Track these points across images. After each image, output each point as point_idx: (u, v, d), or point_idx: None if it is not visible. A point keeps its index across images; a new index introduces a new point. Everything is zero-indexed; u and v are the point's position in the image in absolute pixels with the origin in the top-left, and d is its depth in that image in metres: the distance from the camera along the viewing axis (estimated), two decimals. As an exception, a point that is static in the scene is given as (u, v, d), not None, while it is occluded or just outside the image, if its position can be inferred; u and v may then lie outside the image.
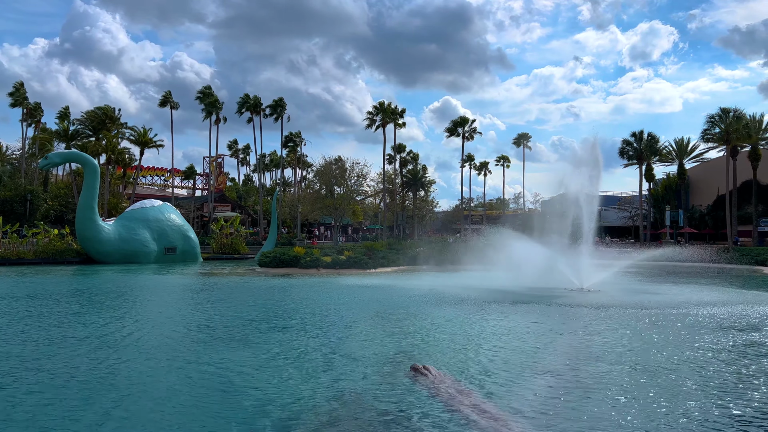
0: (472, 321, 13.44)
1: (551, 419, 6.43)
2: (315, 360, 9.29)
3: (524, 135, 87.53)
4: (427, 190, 74.63)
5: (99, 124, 60.29)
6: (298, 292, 20.38)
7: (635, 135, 60.95)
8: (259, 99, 70.76)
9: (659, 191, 69.61)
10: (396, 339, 11.24)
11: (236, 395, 7.29)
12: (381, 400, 7.08)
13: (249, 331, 11.92)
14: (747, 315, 14.40)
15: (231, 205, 78.89)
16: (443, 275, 27.72)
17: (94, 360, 9.21)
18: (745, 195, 56.13)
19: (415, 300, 17.47)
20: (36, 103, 65.92)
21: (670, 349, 10.09)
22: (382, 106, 68.12)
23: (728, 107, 54.03)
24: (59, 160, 41.05)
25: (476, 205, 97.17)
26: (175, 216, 42.31)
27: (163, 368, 8.66)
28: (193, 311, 15.65)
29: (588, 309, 15.36)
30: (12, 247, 37.02)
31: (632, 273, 27.52)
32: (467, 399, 6.99)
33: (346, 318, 13.93)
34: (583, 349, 10.45)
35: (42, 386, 7.67)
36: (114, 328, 12.34)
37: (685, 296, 18.81)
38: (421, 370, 8.10)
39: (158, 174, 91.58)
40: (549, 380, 8.09)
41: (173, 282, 25.75)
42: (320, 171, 60.10)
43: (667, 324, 12.84)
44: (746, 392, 7.48)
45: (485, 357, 9.57)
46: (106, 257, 36.49)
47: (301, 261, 30.99)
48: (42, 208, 55.16)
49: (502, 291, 19.36)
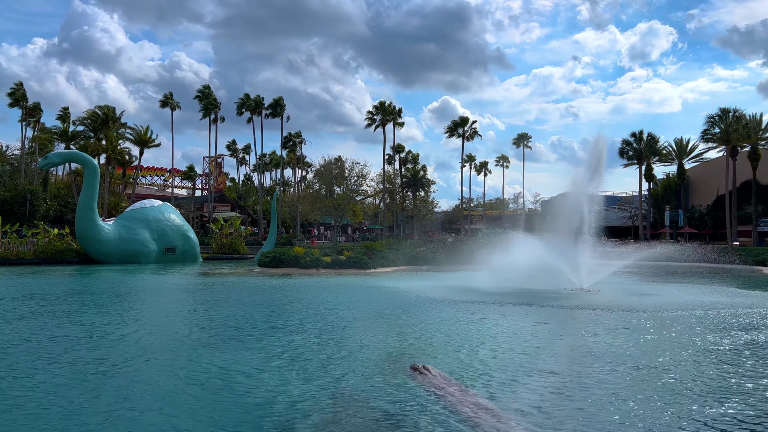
0: (472, 321, 13.44)
1: (552, 419, 6.42)
2: (314, 360, 9.28)
3: (524, 135, 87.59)
4: (426, 190, 74.69)
5: (99, 124, 60.28)
6: (298, 292, 20.38)
7: (635, 135, 60.98)
8: (260, 99, 70.74)
9: (659, 191, 69.65)
10: (395, 339, 11.24)
11: (235, 396, 7.28)
12: (381, 400, 7.07)
13: (248, 332, 11.91)
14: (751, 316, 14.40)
15: (231, 205, 78.93)
16: (442, 275, 27.72)
17: (93, 360, 9.21)
18: (744, 195, 56.14)
19: (414, 300, 17.46)
20: (35, 102, 65.88)
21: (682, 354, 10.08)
22: (383, 106, 68.17)
23: (728, 107, 54.10)
24: (59, 160, 41.06)
25: (476, 205, 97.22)
26: (175, 216, 42.32)
27: (161, 369, 8.65)
28: (192, 311, 15.65)
29: (587, 311, 15.36)
30: (11, 247, 37.00)
31: (632, 273, 27.52)
32: (467, 398, 6.99)
33: (346, 318, 13.93)
34: (584, 350, 10.44)
35: (39, 387, 7.66)
36: (112, 329, 12.34)
37: (688, 297, 18.80)
38: (421, 369, 8.10)
39: (158, 174, 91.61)
40: (549, 380, 8.08)
41: (173, 282, 25.74)
42: (320, 171, 60.14)
43: (677, 327, 12.84)
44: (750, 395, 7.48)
45: (484, 357, 9.57)
46: (105, 257, 36.48)
47: (301, 261, 30.98)
48: (42, 208, 55.15)
49: (501, 292, 19.32)
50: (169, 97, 68.49)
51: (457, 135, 75.41)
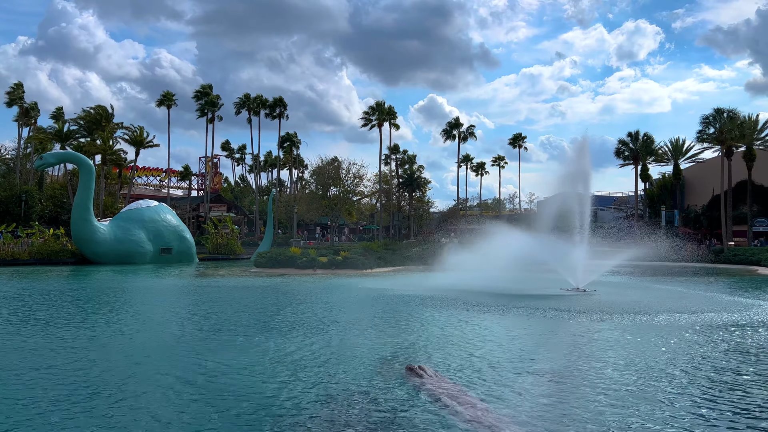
0: (470, 322, 13.46)
1: (549, 419, 6.44)
2: (311, 360, 9.27)
3: (519, 136, 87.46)
4: (423, 190, 74.74)
5: (93, 124, 60.05)
6: (294, 292, 20.36)
7: (631, 135, 61.13)
8: (261, 98, 70.42)
9: (655, 191, 69.79)
10: (391, 339, 11.23)
11: (232, 397, 7.26)
12: (377, 400, 7.08)
13: (244, 333, 11.89)
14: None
15: (227, 206, 78.76)
16: (440, 275, 27.69)
17: (88, 362, 9.18)
18: (740, 195, 56.29)
19: (411, 301, 17.46)
20: (32, 102, 65.65)
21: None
22: (379, 106, 68.19)
23: (722, 107, 54.21)
24: (54, 161, 40.96)
25: (471, 206, 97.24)
26: (171, 216, 42.23)
27: (159, 370, 8.64)
28: (188, 313, 15.61)
29: (587, 312, 15.39)
30: (6, 247, 36.86)
31: (628, 273, 27.61)
32: (462, 398, 7.00)
33: (342, 318, 13.93)
34: (579, 351, 10.48)
35: (34, 391, 7.64)
36: (111, 330, 12.31)
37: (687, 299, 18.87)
38: (417, 370, 8.11)
39: (154, 174, 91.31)
40: (545, 381, 8.10)
41: (168, 283, 25.68)
42: (316, 171, 60.11)
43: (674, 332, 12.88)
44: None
45: (480, 358, 9.58)
46: (101, 258, 36.37)
47: (297, 261, 30.97)
48: (37, 209, 54.93)
49: (501, 293, 19.32)
50: (168, 95, 67.96)
51: (453, 138, 75.54)
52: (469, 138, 77.45)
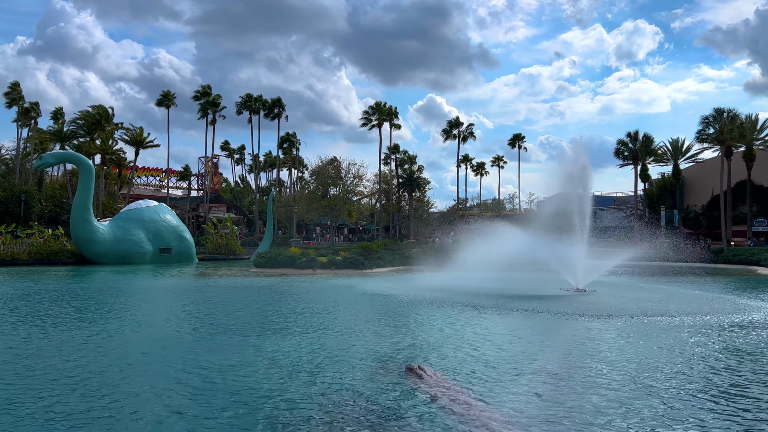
0: (469, 322, 13.44)
1: (547, 419, 6.42)
2: (310, 361, 9.25)
3: (518, 136, 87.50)
4: (422, 190, 74.81)
5: (93, 124, 60.03)
6: (294, 292, 20.34)
7: (630, 135, 61.16)
8: (262, 99, 70.47)
9: (654, 191, 69.79)
10: (390, 339, 11.21)
11: (230, 398, 7.24)
12: (376, 400, 7.05)
13: (243, 333, 11.86)
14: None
15: (227, 206, 78.74)
16: (438, 276, 27.67)
17: (84, 362, 9.16)
18: (739, 195, 56.33)
19: (410, 301, 17.44)
20: (32, 102, 65.59)
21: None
22: (379, 106, 68.24)
23: (722, 107, 54.27)
24: (54, 161, 40.92)
25: (471, 206, 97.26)
26: (171, 217, 42.22)
27: (157, 370, 8.61)
28: (186, 313, 15.59)
29: (587, 312, 15.38)
30: (6, 247, 36.84)
31: (628, 273, 27.60)
32: (462, 398, 6.98)
33: (341, 318, 13.91)
34: (579, 351, 10.46)
35: (32, 391, 7.62)
36: (108, 330, 12.28)
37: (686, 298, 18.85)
38: (416, 370, 8.08)
39: (153, 174, 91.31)
40: (544, 381, 8.08)
41: (167, 283, 25.67)
42: (316, 171, 60.11)
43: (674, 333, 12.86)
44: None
45: (479, 358, 9.56)
46: (100, 258, 36.35)
47: (297, 262, 30.95)
48: (36, 209, 54.93)
49: (501, 293, 19.30)
50: (168, 95, 67.92)
51: (453, 138, 75.56)
52: (468, 138, 77.55)
